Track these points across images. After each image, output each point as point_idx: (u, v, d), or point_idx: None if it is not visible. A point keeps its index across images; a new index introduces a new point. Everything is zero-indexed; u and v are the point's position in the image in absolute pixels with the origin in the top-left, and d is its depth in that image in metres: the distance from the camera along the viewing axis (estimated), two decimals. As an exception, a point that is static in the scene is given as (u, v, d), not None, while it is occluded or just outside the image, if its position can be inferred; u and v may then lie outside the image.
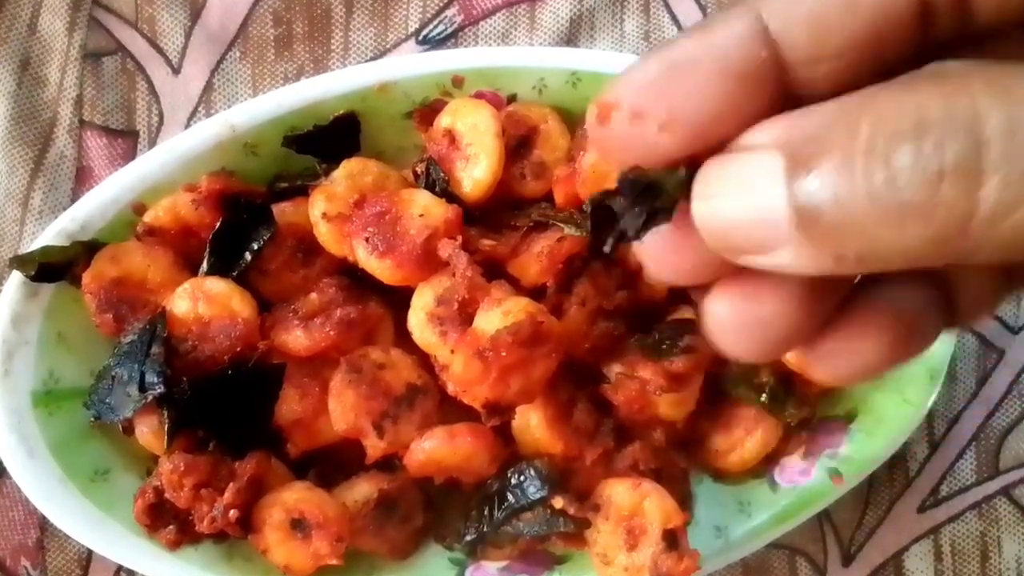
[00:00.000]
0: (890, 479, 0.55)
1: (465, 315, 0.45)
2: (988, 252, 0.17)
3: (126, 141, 0.56)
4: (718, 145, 0.20)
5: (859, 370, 0.22)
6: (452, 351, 0.44)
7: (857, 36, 0.20)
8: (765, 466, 0.50)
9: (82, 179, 0.56)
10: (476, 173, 0.48)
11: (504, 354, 0.40)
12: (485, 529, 0.48)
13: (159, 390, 0.45)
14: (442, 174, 0.49)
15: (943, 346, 0.49)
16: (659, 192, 0.21)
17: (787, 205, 0.18)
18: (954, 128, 0.17)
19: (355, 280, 0.49)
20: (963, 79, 0.17)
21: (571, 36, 0.57)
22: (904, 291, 0.21)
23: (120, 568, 0.54)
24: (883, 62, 0.20)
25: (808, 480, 0.50)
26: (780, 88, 0.21)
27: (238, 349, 0.46)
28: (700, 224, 0.19)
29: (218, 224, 0.48)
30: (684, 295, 0.49)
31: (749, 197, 0.19)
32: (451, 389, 0.43)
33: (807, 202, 0.18)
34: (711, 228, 0.19)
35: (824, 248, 0.18)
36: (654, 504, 0.45)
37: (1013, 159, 0.16)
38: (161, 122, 0.56)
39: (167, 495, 0.46)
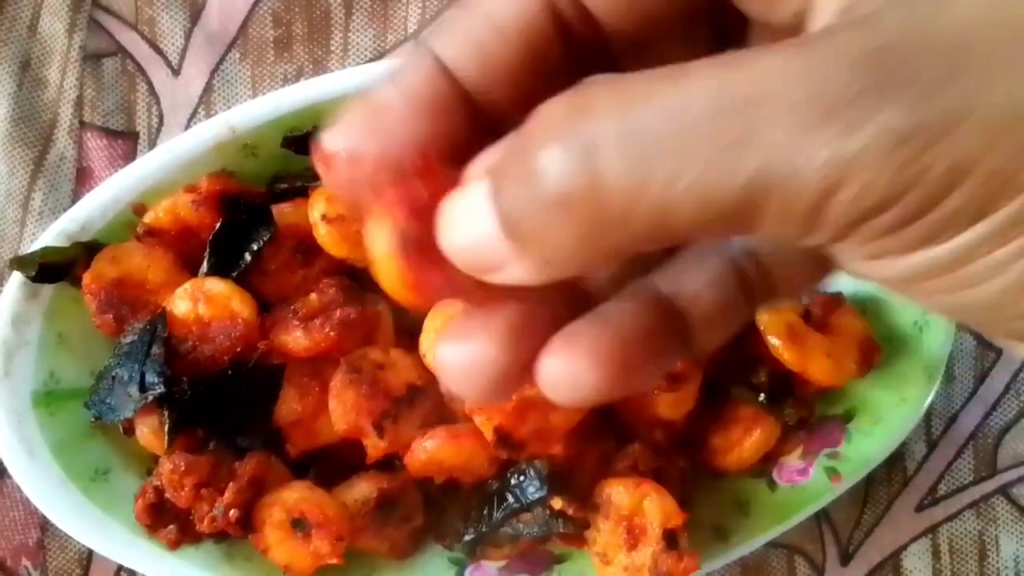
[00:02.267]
0: (888, 478, 0.55)
1: None
2: (643, 239, 0.19)
3: (126, 142, 0.56)
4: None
5: (583, 396, 0.22)
6: None
7: (512, 60, 0.22)
8: (764, 465, 0.50)
9: (82, 180, 0.56)
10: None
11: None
12: (484, 529, 0.48)
13: (159, 390, 0.45)
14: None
15: (941, 345, 0.50)
16: None
17: (495, 222, 0.19)
18: (579, 130, 0.18)
19: (354, 281, 0.49)
20: (587, 90, 0.19)
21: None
22: (626, 315, 0.22)
23: (120, 568, 0.54)
24: (550, 75, 0.22)
25: (806, 479, 0.50)
26: (474, 113, 0.22)
27: (238, 349, 0.46)
28: (447, 253, 0.21)
29: (218, 225, 0.48)
30: None
31: (471, 222, 0.20)
32: (467, 408, 0.43)
33: (506, 216, 0.19)
34: (453, 255, 0.20)
35: (533, 255, 0.19)
36: (654, 504, 0.45)
37: (625, 149, 0.18)
38: (161, 123, 0.57)
39: (167, 495, 0.46)
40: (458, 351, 0.22)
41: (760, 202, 0.17)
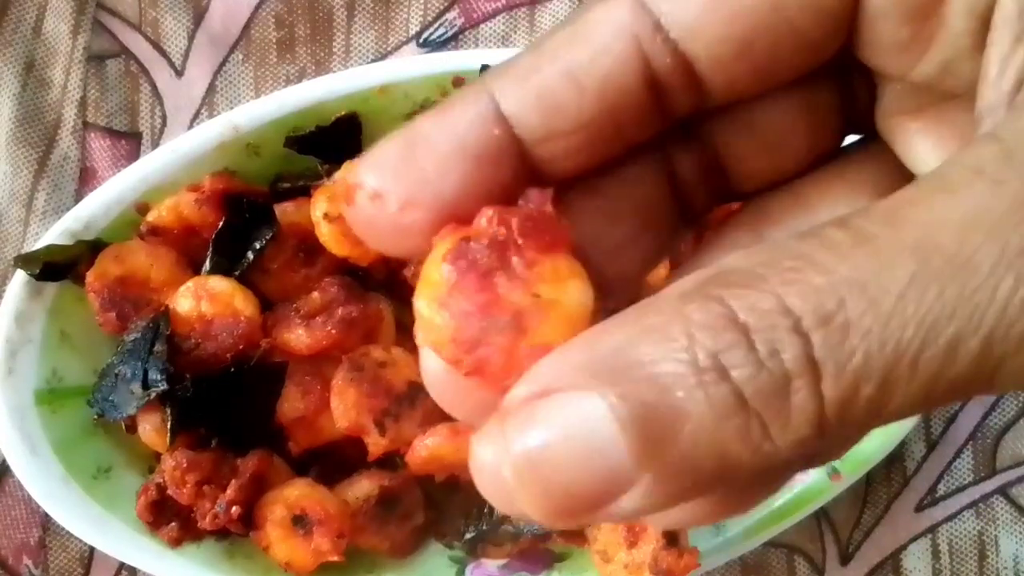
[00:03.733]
0: (888, 478, 0.55)
1: None
2: (840, 446, 0.18)
3: (129, 143, 0.56)
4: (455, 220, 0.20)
5: (690, 522, 0.21)
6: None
7: (586, 115, 0.20)
8: None
9: (86, 180, 0.56)
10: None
11: None
12: (485, 527, 0.49)
13: (162, 387, 0.45)
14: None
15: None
16: None
17: (624, 440, 0.16)
18: (780, 327, 0.16)
19: (356, 279, 0.48)
20: (756, 278, 0.16)
21: (570, 39, 0.57)
22: None
23: (122, 566, 0.54)
24: (621, 137, 0.21)
25: (806, 478, 0.49)
26: (520, 164, 0.20)
27: (240, 347, 0.46)
28: (520, 483, 0.17)
29: (220, 224, 0.48)
30: None
31: (581, 441, 0.16)
32: None
33: (648, 434, 0.16)
34: (542, 487, 0.17)
35: (676, 479, 0.16)
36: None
37: (834, 348, 0.16)
38: (164, 124, 0.57)
39: (170, 491, 0.46)
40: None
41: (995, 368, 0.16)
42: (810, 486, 0.50)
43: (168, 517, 0.47)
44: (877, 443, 0.50)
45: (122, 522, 0.47)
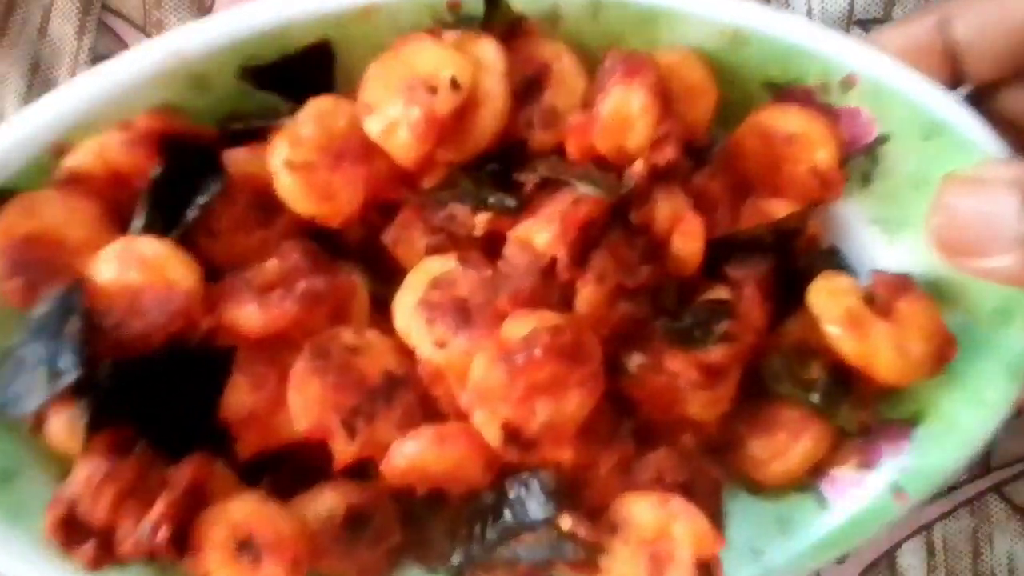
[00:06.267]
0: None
1: (463, 309, 0.42)
2: None
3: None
4: None
5: None
6: (468, 352, 0.41)
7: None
8: (812, 478, 0.46)
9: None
10: (477, 121, 0.43)
11: (538, 355, 0.38)
12: (476, 551, 0.43)
13: (74, 375, 0.40)
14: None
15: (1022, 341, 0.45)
16: None
17: (1018, 226, 0.32)
18: None
19: (323, 245, 0.45)
20: None
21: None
22: None
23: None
24: None
25: (864, 496, 0.45)
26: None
27: (176, 327, 0.41)
28: (937, 227, 0.32)
29: (156, 172, 0.43)
30: (720, 271, 0.45)
31: (988, 212, 0.31)
32: (464, 401, 0.40)
33: None
34: (947, 230, 0.31)
35: None
36: (684, 527, 0.41)
37: None
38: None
39: (80, 508, 0.40)
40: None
41: None
42: (870, 506, 0.45)
43: (85, 535, 0.41)
44: (951, 454, 0.45)
45: (28, 539, 0.42)
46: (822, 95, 0.44)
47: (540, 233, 0.41)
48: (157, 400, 0.41)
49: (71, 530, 0.41)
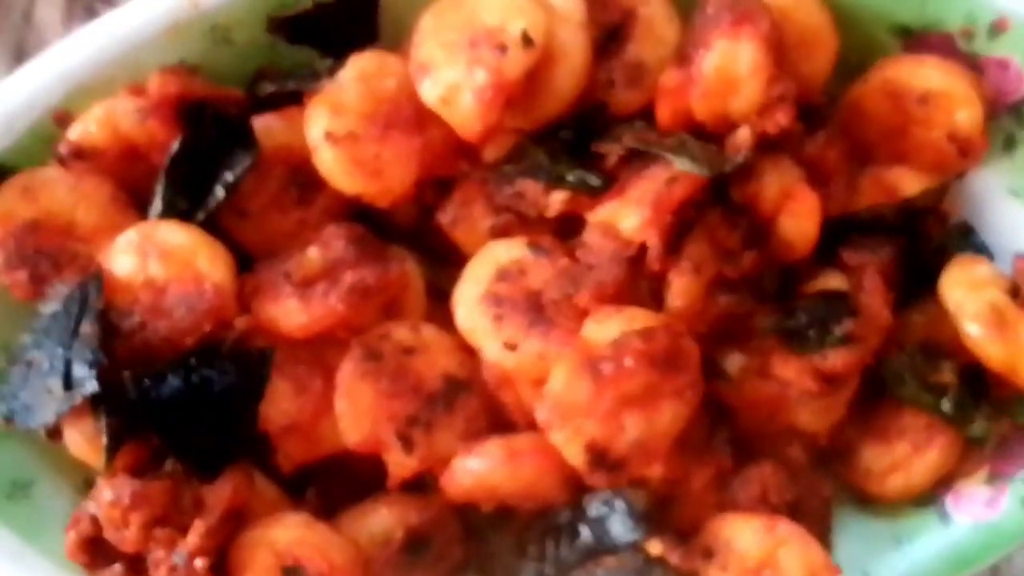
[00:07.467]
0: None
1: (535, 304, 0.38)
2: None
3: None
4: None
5: None
6: (543, 356, 0.37)
7: None
8: (934, 492, 0.42)
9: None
10: (552, 81, 0.38)
11: (630, 364, 0.34)
12: (548, 570, 0.41)
13: (92, 388, 0.36)
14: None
15: None
16: None
17: None
18: None
19: (372, 228, 0.42)
20: None
21: None
22: None
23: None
24: None
25: (995, 513, 0.41)
26: None
27: (206, 328, 0.39)
28: None
29: (176, 144, 0.40)
30: (833, 255, 0.40)
31: None
32: (542, 417, 0.36)
33: None
34: None
35: None
36: (794, 555, 0.37)
37: None
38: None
39: (106, 535, 0.36)
40: None
41: None
42: (1001, 524, 0.41)
43: (111, 557, 0.38)
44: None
45: (46, 557, 0.40)
46: (965, 43, 0.39)
47: (627, 217, 0.37)
48: (188, 411, 0.39)
49: (95, 551, 0.38)
